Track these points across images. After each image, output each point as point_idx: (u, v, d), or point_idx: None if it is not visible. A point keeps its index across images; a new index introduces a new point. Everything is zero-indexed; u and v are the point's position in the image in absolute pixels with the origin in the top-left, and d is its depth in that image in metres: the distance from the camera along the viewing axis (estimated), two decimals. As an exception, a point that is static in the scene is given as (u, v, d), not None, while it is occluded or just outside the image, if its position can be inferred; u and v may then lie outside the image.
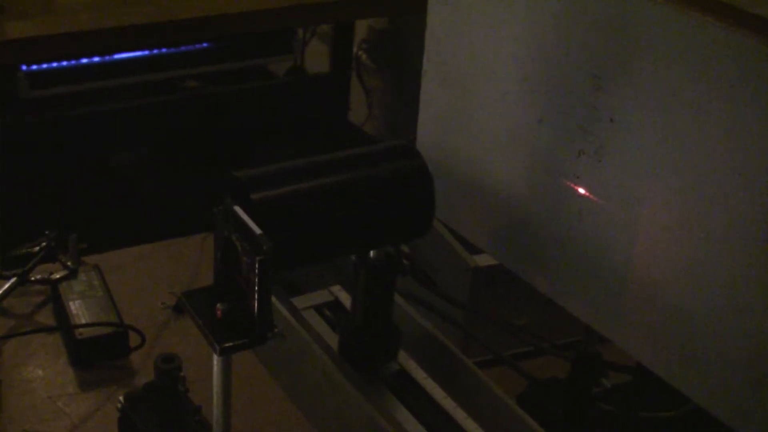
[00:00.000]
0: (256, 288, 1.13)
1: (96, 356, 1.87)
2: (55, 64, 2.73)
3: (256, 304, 1.14)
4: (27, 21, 2.52)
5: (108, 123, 2.80)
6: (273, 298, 1.18)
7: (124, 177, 2.93)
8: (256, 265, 1.12)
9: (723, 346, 1.30)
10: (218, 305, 1.20)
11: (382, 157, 1.40)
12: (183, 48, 2.92)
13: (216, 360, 1.23)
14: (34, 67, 2.69)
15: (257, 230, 1.12)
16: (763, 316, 1.25)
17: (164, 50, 2.88)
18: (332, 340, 1.51)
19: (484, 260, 1.83)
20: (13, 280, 1.98)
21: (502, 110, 1.52)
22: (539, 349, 1.75)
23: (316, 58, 3.25)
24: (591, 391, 1.57)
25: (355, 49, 3.36)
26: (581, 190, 1.41)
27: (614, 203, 1.38)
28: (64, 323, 1.91)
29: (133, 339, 1.90)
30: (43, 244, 2.03)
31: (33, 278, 1.99)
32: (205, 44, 2.95)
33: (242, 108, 3.00)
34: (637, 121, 1.33)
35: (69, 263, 2.01)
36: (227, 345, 1.18)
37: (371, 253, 1.39)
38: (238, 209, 1.16)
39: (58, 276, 1.99)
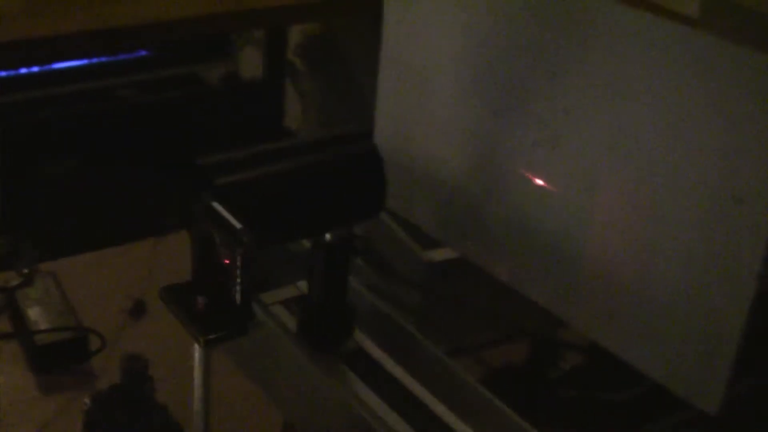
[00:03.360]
0: (239, 280, 1.16)
1: (56, 361, 1.88)
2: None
3: (238, 296, 1.18)
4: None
5: (45, 132, 2.79)
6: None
7: (63, 185, 2.91)
8: (238, 258, 1.15)
9: (678, 322, 1.36)
10: (199, 299, 1.23)
11: (336, 141, 1.46)
12: (118, 56, 2.91)
13: (198, 354, 1.26)
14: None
15: (238, 224, 1.16)
16: (715, 293, 1.32)
17: (99, 59, 2.88)
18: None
19: (438, 255, 1.87)
20: (-32, 289, 1.98)
21: (458, 103, 1.58)
22: (497, 338, 1.80)
23: (251, 64, 3.27)
24: (549, 376, 1.62)
25: (289, 55, 3.38)
26: (537, 180, 1.47)
27: (569, 191, 1.44)
28: (22, 330, 1.91)
29: (93, 343, 1.91)
30: (-3, 252, 2.03)
31: (-12, 287, 1.99)
32: (140, 52, 2.95)
33: (178, 115, 3.01)
34: (591, 112, 1.39)
35: (24, 271, 2.01)
36: (211, 337, 1.21)
37: (327, 235, 1.43)
38: (216, 205, 1.19)
39: (14, 284, 1.99)
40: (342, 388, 1.39)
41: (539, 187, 1.48)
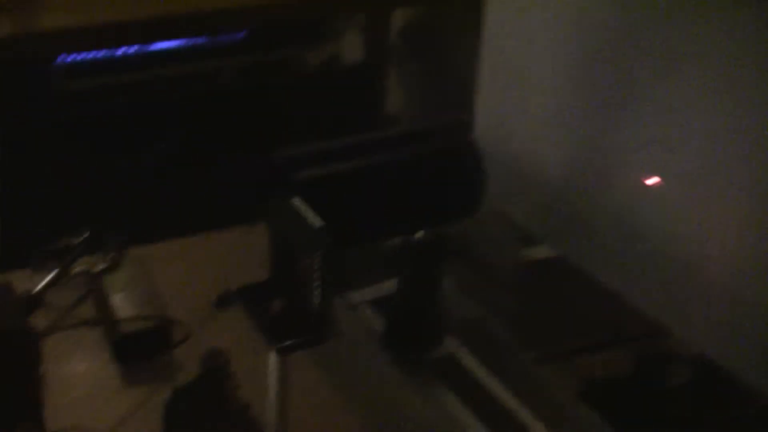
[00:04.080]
0: (316, 284, 1.08)
1: (138, 351, 1.82)
2: (90, 55, 2.69)
3: (315, 301, 1.09)
4: (62, 12, 2.49)
5: (144, 114, 2.77)
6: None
7: (160, 169, 2.89)
8: (317, 261, 1.07)
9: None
10: (273, 302, 1.14)
11: (431, 134, 1.36)
12: (219, 38, 2.88)
13: (272, 360, 1.18)
14: (69, 58, 2.66)
15: (317, 223, 1.07)
16: None
17: (200, 40, 2.85)
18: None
19: (537, 253, 1.76)
20: (54, 272, 1.94)
21: (562, 98, 1.47)
22: (598, 345, 1.68)
23: (353, 47, 3.21)
24: (656, 391, 1.50)
25: (391, 39, 3.31)
26: (648, 181, 1.35)
27: (684, 194, 1.32)
28: (105, 317, 1.87)
29: (176, 333, 1.86)
30: (84, 236, 1.99)
31: (74, 271, 1.95)
32: (241, 35, 2.91)
33: (278, 98, 2.96)
34: (711, 109, 1.26)
35: (111, 256, 1.97)
36: (285, 345, 1.12)
37: (417, 234, 1.33)
38: (295, 201, 1.11)
39: (99, 269, 1.95)
40: (429, 402, 1.30)
41: (650, 188, 1.36)
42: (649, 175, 1.36)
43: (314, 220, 1.08)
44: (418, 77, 3.43)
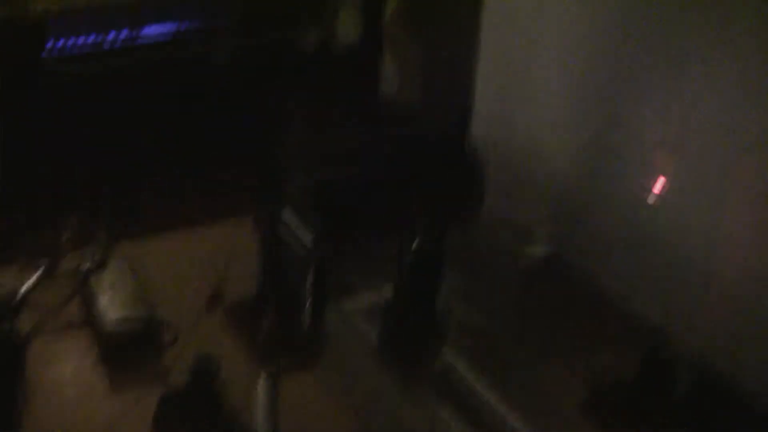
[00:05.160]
0: (309, 300, 1.02)
1: (127, 353, 1.77)
2: (80, 42, 2.62)
3: (307, 318, 1.03)
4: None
5: (133, 103, 2.70)
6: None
7: (149, 161, 2.82)
8: (308, 277, 1.01)
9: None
10: (263, 319, 1.09)
11: (429, 141, 1.31)
12: (210, 22, 2.81)
13: (262, 382, 1.12)
14: (59, 45, 2.59)
15: (309, 238, 1.01)
16: None
17: (191, 23, 2.77)
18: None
19: (536, 252, 1.71)
20: (40, 272, 1.88)
21: (564, 95, 1.41)
22: (601, 350, 1.63)
23: (347, 29, 3.14)
24: (659, 396, 1.45)
25: (386, 20, 3.24)
26: (656, 185, 1.29)
27: (693, 199, 1.26)
28: (93, 318, 1.81)
29: (166, 335, 1.80)
30: (70, 231, 1.93)
31: (60, 270, 1.89)
32: (231, 18, 2.84)
33: (272, 82, 2.90)
34: (721, 111, 1.20)
35: (98, 253, 1.90)
36: (275, 369, 1.07)
37: (415, 241, 1.28)
38: (286, 215, 1.05)
39: (86, 268, 1.88)
40: (425, 416, 1.24)
41: (657, 193, 1.30)
42: (655, 178, 1.30)
43: (305, 235, 1.02)
44: (415, 58, 3.36)
